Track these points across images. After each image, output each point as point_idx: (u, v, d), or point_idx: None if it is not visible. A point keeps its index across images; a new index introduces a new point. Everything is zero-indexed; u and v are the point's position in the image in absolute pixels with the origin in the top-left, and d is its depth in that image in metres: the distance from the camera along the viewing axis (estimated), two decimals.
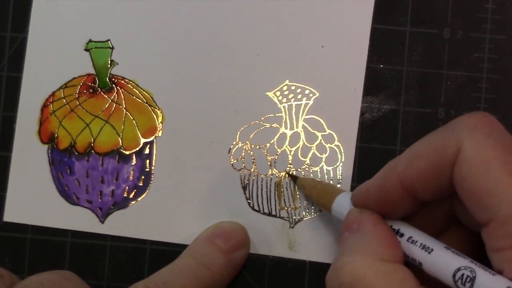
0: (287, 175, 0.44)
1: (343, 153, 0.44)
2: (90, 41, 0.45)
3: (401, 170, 0.35)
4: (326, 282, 0.35)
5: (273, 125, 0.44)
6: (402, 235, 0.35)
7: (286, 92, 0.44)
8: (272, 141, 0.44)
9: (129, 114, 0.45)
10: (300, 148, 0.44)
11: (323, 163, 0.44)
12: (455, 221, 0.37)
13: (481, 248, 0.35)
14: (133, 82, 0.45)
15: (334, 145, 0.44)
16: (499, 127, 0.33)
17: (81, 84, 0.45)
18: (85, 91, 0.45)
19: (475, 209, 0.32)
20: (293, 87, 0.44)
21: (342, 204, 0.39)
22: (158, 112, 0.45)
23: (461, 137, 0.32)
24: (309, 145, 0.44)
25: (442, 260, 0.33)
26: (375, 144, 0.44)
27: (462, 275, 0.31)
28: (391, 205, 0.36)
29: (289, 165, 0.44)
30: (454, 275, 0.32)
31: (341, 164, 0.44)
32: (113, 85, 0.45)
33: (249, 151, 0.44)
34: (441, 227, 0.38)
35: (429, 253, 0.34)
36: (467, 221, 0.36)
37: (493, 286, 0.30)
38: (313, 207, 0.44)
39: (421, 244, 0.34)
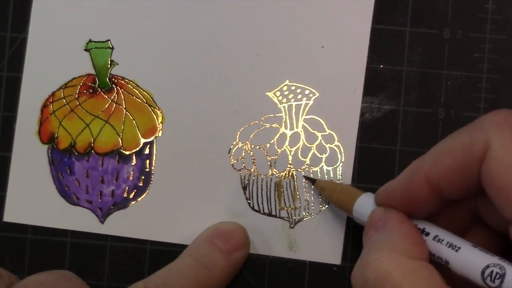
0: (303, 178, 0.44)
1: (343, 153, 0.44)
2: (90, 41, 0.45)
3: (428, 169, 0.35)
4: (352, 279, 0.35)
5: (273, 125, 0.44)
6: (427, 234, 0.35)
7: (286, 92, 0.44)
8: (272, 141, 0.44)
9: (129, 114, 0.45)
10: (300, 148, 0.44)
11: (323, 163, 0.44)
12: (479, 221, 0.37)
13: (506, 248, 0.35)
14: (133, 82, 0.45)
15: (334, 145, 0.44)
16: None
17: (81, 84, 0.45)
18: (85, 91, 0.45)
19: (504, 206, 0.32)
20: (293, 87, 0.44)
21: (364, 205, 0.39)
22: (158, 112, 0.45)
23: (489, 134, 0.32)
24: (309, 145, 0.44)
25: (470, 258, 0.33)
26: (375, 144, 0.44)
27: (491, 272, 0.31)
28: (416, 205, 0.36)
29: (289, 165, 0.44)
30: (483, 273, 0.32)
31: (341, 164, 0.44)
32: (113, 85, 0.45)
33: (249, 151, 0.44)
34: (465, 226, 0.38)
35: (456, 251, 0.33)
36: (492, 220, 0.36)
37: None
38: (313, 207, 0.44)
39: (447, 242, 0.34)
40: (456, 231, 0.36)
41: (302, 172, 0.44)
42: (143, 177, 0.44)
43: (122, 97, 0.45)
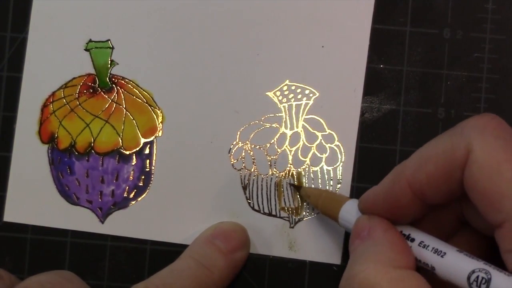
0: (289, 184, 0.44)
1: (343, 153, 0.44)
2: (90, 41, 0.45)
3: (410, 174, 0.34)
4: None
5: (273, 125, 0.44)
6: (413, 240, 0.35)
7: (286, 92, 0.44)
8: (272, 141, 0.44)
9: (129, 114, 0.45)
10: (300, 148, 0.44)
11: (323, 163, 0.44)
12: (464, 225, 0.37)
13: (491, 251, 0.35)
14: (133, 82, 0.45)
15: (334, 145, 0.44)
16: (508, 129, 0.33)
17: (81, 84, 0.45)
18: (85, 91, 0.45)
19: (488, 211, 0.32)
20: (293, 87, 0.44)
21: (350, 211, 0.39)
22: (158, 112, 0.45)
23: (471, 139, 0.32)
24: (309, 145, 0.44)
25: (456, 263, 0.33)
26: (375, 144, 0.44)
27: (477, 277, 0.31)
28: (400, 210, 0.36)
29: (289, 165, 0.44)
30: (468, 278, 0.31)
31: (341, 164, 0.44)
32: (113, 85, 0.45)
33: (249, 151, 0.44)
34: (451, 231, 0.37)
35: (442, 256, 0.33)
36: (478, 224, 0.36)
37: (509, 287, 0.30)
38: (313, 207, 0.44)
39: (433, 248, 0.34)
40: (442, 235, 0.36)
41: (302, 172, 0.44)
42: (143, 177, 0.44)
43: (122, 97, 0.45)
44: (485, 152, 0.32)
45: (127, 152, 0.44)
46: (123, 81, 0.45)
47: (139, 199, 0.44)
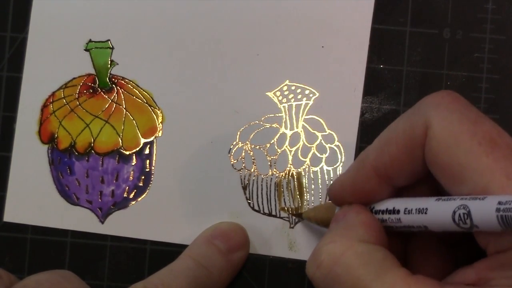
0: (291, 215, 0.44)
1: (343, 153, 0.44)
2: (90, 41, 0.45)
3: (373, 159, 0.35)
4: (306, 266, 0.35)
5: (273, 125, 0.44)
6: (398, 211, 0.35)
7: (286, 92, 0.44)
8: (272, 141, 0.44)
9: (129, 114, 0.45)
10: (300, 148, 0.44)
11: (323, 163, 0.44)
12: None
13: None
14: (133, 82, 0.45)
15: (334, 145, 0.44)
16: (464, 102, 0.33)
17: (81, 84, 0.45)
18: (85, 91, 0.45)
19: (451, 184, 0.32)
20: (293, 87, 0.44)
21: None
22: (158, 112, 0.45)
23: (428, 116, 0.32)
24: (309, 145, 0.44)
25: (438, 213, 0.33)
26: None
27: (459, 215, 0.31)
28: (368, 195, 0.36)
29: (289, 165, 0.44)
30: (453, 220, 0.32)
31: (341, 164, 0.44)
32: (113, 85, 0.45)
33: (249, 151, 0.44)
34: None
35: (425, 213, 0.33)
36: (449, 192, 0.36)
37: (487, 209, 0.30)
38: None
39: (416, 209, 0.34)
40: None
41: (302, 172, 0.44)
42: (143, 177, 0.44)
43: (122, 97, 0.45)
44: (442, 126, 0.32)
45: (127, 152, 0.45)
46: (123, 81, 0.45)
47: (139, 199, 0.44)
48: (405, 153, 0.34)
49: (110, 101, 0.45)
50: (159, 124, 0.44)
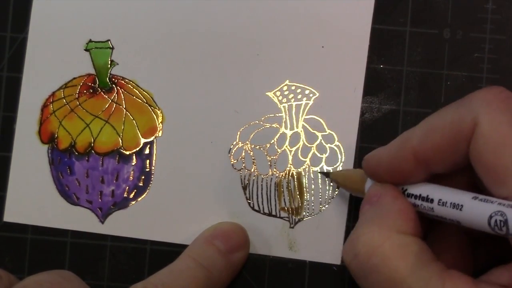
0: (318, 173, 0.43)
1: (343, 153, 0.44)
2: (90, 41, 0.45)
3: (415, 144, 0.35)
4: (342, 254, 0.35)
5: (273, 125, 0.44)
6: (432, 200, 0.35)
7: (286, 92, 0.44)
8: (272, 141, 0.44)
9: (129, 114, 0.45)
10: (300, 148, 0.44)
11: (323, 163, 0.44)
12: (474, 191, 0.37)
13: None
14: (133, 82, 0.45)
15: (334, 145, 0.44)
16: None
17: (81, 84, 0.45)
18: (85, 91, 0.45)
19: (492, 185, 0.32)
20: (293, 87, 0.44)
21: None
22: (158, 112, 0.45)
23: (478, 113, 0.32)
24: (309, 145, 0.44)
25: (474, 213, 0.32)
26: (375, 144, 0.44)
27: (496, 221, 0.31)
28: (403, 176, 0.36)
29: (289, 165, 0.44)
30: (489, 224, 0.32)
31: (341, 164, 0.44)
32: (113, 85, 0.45)
33: (249, 151, 0.44)
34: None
35: (460, 210, 0.33)
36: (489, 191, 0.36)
37: None
38: (313, 207, 0.44)
39: (451, 203, 0.34)
40: None
41: (303, 172, 0.44)
42: (143, 177, 0.44)
43: (122, 97, 0.45)
44: (491, 126, 0.32)
45: (127, 152, 0.45)
46: (123, 81, 0.45)
47: (139, 199, 0.44)
48: (449, 144, 0.33)
49: (110, 101, 0.45)
50: (159, 124, 0.44)
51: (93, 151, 0.45)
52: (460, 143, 0.33)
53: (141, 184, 0.44)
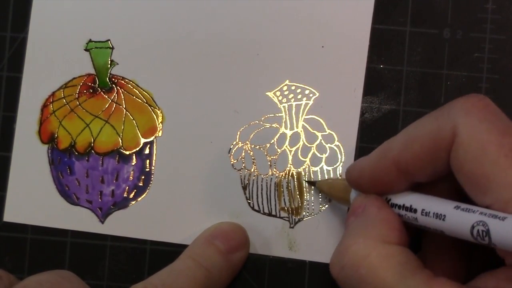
0: (304, 181, 0.44)
1: (343, 153, 0.44)
2: (90, 41, 0.45)
3: (396, 154, 0.35)
4: (330, 266, 0.35)
5: (273, 125, 0.44)
6: (415, 210, 0.35)
7: (286, 92, 0.44)
8: (272, 141, 0.44)
9: (129, 114, 0.45)
10: (300, 148, 0.44)
11: (323, 163, 0.44)
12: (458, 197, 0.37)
13: None
14: (133, 82, 0.45)
15: (334, 145, 0.44)
16: (495, 110, 0.33)
17: (81, 84, 0.45)
18: (85, 91, 0.45)
19: (475, 193, 0.32)
20: (293, 87, 0.44)
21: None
22: (158, 112, 0.45)
23: (456, 122, 0.32)
24: (309, 145, 0.44)
25: (457, 223, 0.33)
26: (375, 144, 0.44)
27: (478, 231, 0.31)
28: (385, 186, 0.36)
29: (289, 165, 0.44)
30: (472, 234, 0.32)
31: (341, 164, 0.44)
32: (113, 85, 0.45)
33: (249, 151, 0.44)
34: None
35: (443, 220, 0.33)
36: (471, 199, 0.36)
37: (507, 231, 0.30)
38: (313, 207, 0.44)
39: (434, 213, 0.34)
40: None
41: (303, 172, 0.44)
42: (143, 177, 0.44)
43: (122, 97, 0.45)
44: (470, 135, 0.32)
45: (127, 152, 0.45)
46: (123, 81, 0.45)
47: (139, 199, 0.44)
48: (429, 154, 0.33)
49: (110, 101, 0.45)
50: (159, 124, 0.45)
51: (93, 151, 0.45)
52: (440, 152, 0.33)
53: (141, 184, 0.44)
